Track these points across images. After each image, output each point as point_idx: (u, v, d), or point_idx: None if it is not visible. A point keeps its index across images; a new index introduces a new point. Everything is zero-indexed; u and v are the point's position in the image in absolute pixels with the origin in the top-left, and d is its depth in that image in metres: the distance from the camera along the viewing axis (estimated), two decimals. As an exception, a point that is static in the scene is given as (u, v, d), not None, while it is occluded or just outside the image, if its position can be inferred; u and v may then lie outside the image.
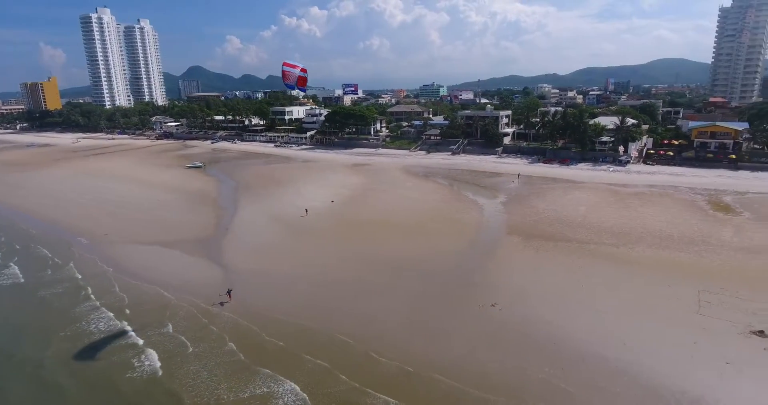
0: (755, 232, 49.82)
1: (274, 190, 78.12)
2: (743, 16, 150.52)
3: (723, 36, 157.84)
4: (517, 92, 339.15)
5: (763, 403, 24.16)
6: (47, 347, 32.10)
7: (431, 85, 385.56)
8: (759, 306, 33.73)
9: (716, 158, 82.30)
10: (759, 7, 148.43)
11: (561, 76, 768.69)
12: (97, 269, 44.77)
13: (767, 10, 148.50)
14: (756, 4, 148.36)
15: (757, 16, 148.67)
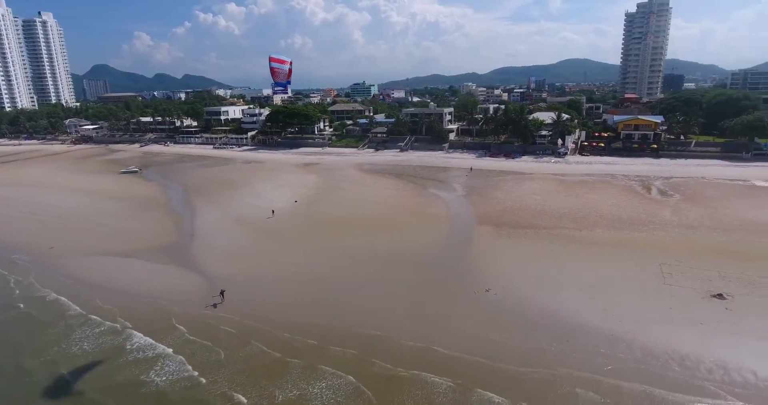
0: (689, 211, 56.40)
1: (228, 193, 75.08)
2: (647, 21, 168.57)
3: (630, 39, 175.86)
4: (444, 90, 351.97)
5: (737, 354, 27.74)
6: (76, 369, 29.25)
7: (362, 83, 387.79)
8: (710, 273, 38.49)
9: (641, 148, 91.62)
10: (659, 13, 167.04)
11: (480, 75, 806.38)
12: (61, 284, 40.71)
13: (666, 15, 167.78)
14: (657, 10, 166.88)
15: (659, 20, 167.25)
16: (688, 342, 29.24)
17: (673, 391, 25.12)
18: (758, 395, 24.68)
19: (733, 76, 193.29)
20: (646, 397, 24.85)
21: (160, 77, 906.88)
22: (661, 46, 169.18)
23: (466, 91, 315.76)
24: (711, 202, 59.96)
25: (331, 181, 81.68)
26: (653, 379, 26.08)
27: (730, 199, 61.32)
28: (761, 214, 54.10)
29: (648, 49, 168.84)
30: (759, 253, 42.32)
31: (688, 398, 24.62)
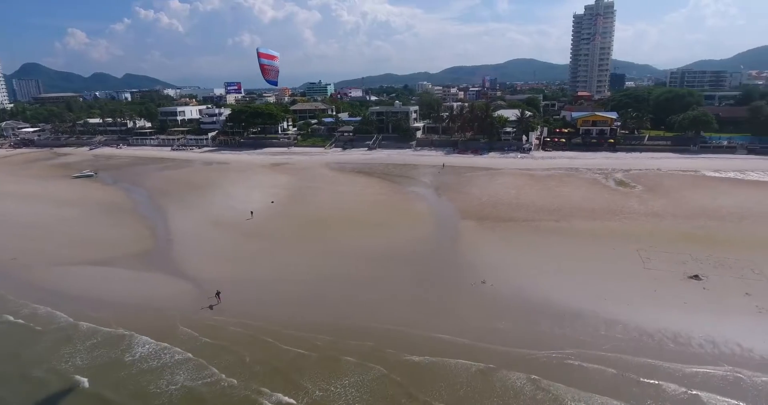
0: (653, 201, 60.19)
1: (198, 195, 72.47)
2: (594, 22, 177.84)
3: (579, 39, 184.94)
4: (399, 89, 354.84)
5: (722, 328, 30.08)
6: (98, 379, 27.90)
7: (318, 83, 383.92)
8: (683, 257, 41.39)
9: (599, 143, 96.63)
10: (605, 15, 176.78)
11: (432, 74, 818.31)
12: (38, 296, 38.05)
13: (611, 17, 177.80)
14: (603, 12, 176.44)
15: (605, 22, 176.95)
16: (677, 320, 31.36)
17: (672, 361, 27.21)
18: (746, 363, 26.93)
19: (671, 75, 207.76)
20: (650, 368, 26.76)
21: (99, 77, 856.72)
22: (608, 46, 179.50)
23: (423, 89, 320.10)
24: (670, 192, 64.27)
25: (304, 181, 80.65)
26: (652, 354, 27.89)
27: (687, 189, 65.98)
28: (716, 202, 58.58)
29: (596, 49, 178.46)
30: (722, 238, 45.86)
31: (687, 367, 26.77)
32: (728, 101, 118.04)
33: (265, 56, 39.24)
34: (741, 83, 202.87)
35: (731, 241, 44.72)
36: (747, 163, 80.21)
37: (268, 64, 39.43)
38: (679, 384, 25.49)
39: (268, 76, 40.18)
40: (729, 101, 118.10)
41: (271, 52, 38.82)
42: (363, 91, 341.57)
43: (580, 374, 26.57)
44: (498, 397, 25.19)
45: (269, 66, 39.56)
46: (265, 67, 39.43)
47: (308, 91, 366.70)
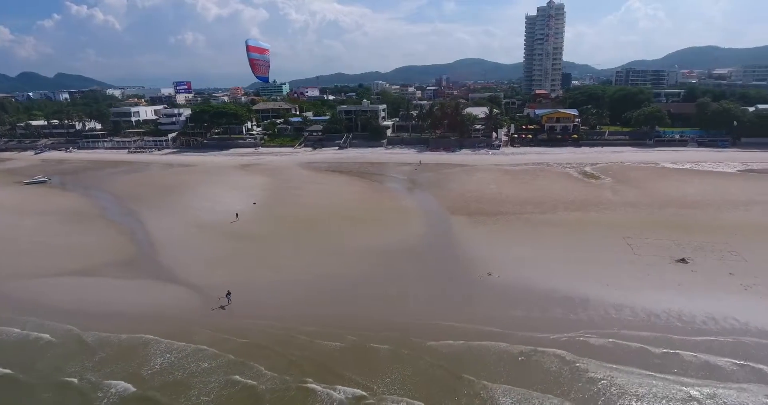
0: (626, 191, 63.81)
1: (171, 199, 69.36)
2: (547, 23, 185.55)
3: (533, 40, 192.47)
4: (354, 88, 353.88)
5: (718, 306, 32.46)
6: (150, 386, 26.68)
7: (273, 82, 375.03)
8: (666, 243, 44.20)
9: (563, 138, 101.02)
10: (557, 17, 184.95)
11: (383, 74, 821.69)
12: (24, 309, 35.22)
13: (562, 18, 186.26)
14: (554, 14, 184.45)
15: (557, 23, 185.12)
16: (676, 301, 33.51)
17: (683, 335, 29.54)
18: (747, 332, 29.46)
19: (617, 74, 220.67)
20: (666, 341, 28.92)
21: (27, 76, 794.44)
22: (560, 46, 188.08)
23: (381, 89, 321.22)
24: (638, 183, 68.36)
25: (282, 182, 79.06)
26: (664, 330, 29.76)
27: (652, 180, 70.38)
28: (680, 191, 62.93)
29: (549, 49, 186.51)
30: (695, 224, 49.36)
31: (697, 338, 29.07)
32: (674, 98, 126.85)
33: (254, 50, 37.18)
34: (677, 81, 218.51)
35: (704, 227, 48.23)
36: (699, 155, 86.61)
37: (257, 58, 37.66)
38: (694, 351, 27.77)
39: (259, 72, 38.24)
40: (675, 98, 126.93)
41: (261, 45, 36.77)
42: (319, 90, 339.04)
43: (606, 350, 28.25)
44: (541, 372, 26.66)
45: (259, 60, 37.75)
46: (254, 61, 37.56)
47: (262, 91, 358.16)
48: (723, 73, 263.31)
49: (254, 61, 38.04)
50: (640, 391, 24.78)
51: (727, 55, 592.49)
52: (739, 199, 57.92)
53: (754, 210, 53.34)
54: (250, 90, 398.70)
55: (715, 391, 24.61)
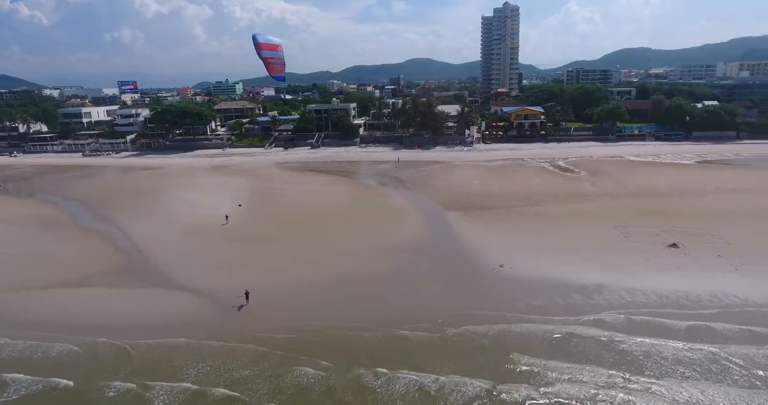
0: (602, 183, 67.32)
1: (146, 203, 65.86)
2: (503, 24, 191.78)
3: (491, 40, 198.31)
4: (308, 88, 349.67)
5: (718, 285, 35.01)
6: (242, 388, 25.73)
7: (225, 81, 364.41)
8: (655, 230, 47.05)
9: (532, 135, 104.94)
10: (512, 18, 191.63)
11: (334, 73, 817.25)
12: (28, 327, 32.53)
13: (517, 20, 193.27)
14: (510, 15, 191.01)
15: (512, 24, 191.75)
16: (680, 282, 35.82)
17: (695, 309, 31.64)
18: (748, 305, 32.25)
19: (567, 73, 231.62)
20: (683, 316, 31.42)
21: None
22: (516, 46, 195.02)
23: (337, 88, 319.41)
24: (611, 175, 72.29)
25: (262, 182, 77.06)
26: (679, 313, 31.72)
27: (622, 172, 74.65)
28: (651, 182, 67.20)
29: (507, 49, 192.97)
30: (675, 211, 52.90)
31: (708, 311, 31.69)
32: (627, 96, 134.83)
33: (266, 47, 34.56)
34: (620, 80, 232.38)
35: (683, 214, 51.78)
36: (657, 149, 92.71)
37: (271, 56, 35.33)
38: (709, 321, 30.49)
39: (274, 72, 35.71)
40: (627, 96, 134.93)
41: (272, 40, 34.32)
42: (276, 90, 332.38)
43: (634, 326, 30.32)
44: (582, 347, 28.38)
45: (273, 58, 35.41)
46: (268, 60, 35.03)
47: (215, 90, 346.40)
48: (660, 73, 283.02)
49: (268, 60, 35.71)
50: (677, 356, 27.21)
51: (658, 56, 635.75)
52: (705, 187, 62.63)
53: (722, 197, 57.87)
54: (199, 90, 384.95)
55: (737, 350, 27.45)
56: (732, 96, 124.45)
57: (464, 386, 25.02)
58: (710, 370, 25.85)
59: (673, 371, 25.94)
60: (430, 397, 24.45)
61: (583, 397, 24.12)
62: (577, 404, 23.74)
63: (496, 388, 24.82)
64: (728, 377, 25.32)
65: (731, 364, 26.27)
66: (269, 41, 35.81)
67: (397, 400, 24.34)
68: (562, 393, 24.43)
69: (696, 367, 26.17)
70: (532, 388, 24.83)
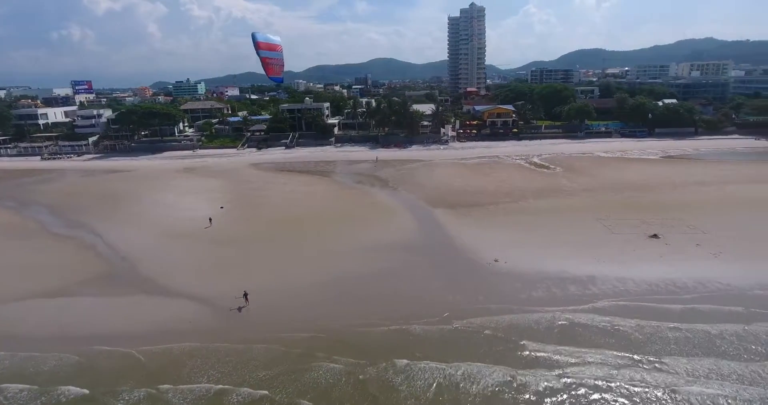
0: (578, 179, 69.69)
1: (121, 208, 63.24)
2: (470, 25, 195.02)
3: (459, 40, 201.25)
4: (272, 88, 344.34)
5: (700, 272, 37.07)
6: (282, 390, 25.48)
7: (186, 81, 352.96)
8: (634, 222, 49.24)
9: (505, 133, 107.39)
10: (479, 18, 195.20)
11: (297, 73, 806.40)
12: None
13: (483, 20, 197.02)
14: (476, 16, 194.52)
15: (479, 24, 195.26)
16: (665, 271, 37.68)
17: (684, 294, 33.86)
18: (732, 289, 34.40)
19: (532, 73, 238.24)
20: (675, 300, 33.33)
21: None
22: (483, 46, 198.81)
23: (304, 88, 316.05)
24: (585, 171, 74.98)
25: (240, 184, 75.40)
26: (670, 303, 33.32)
27: (595, 167, 77.58)
28: (623, 176, 70.21)
29: (474, 49, 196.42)
30: (650, 204, 55.52)
31: (695, 295, 33.60)
32: (590, 95, 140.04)
33: (264, 46, 33.20)
34: (580, 80, 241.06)
35: (658, 206, 54.41)
36: (624, 145, 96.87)
37: (269, 56, 33.99)
38: (708, 306, 32.48)
39: (272, 73, 34.42)
40: (591, 95, 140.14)
41: (272, 40, 33.07)
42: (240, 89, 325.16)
43: (631, 311, 32.04)
44: (587, 332, 29.96)
45: (272, 59, 34.07)
46: (266, 60, 33.62)
47: (175, 91, 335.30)
48: (616, 73, 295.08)
49: (266, 61, 34.40)
50: (675, 336, 29.06)
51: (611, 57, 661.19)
52: (674, 181, 66.05)
53: (690, 189, 61.21)
54: (157, 90, 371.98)
55: (725, 328, 29.66)
56: (687, 94, 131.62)
57: (486, 372, 26.07)
58: (706, 347, 27.82)
59: (674, 349, 27.79)
60: (456, 384, 25.29)
61: (597, 377, 25.45)
62: (594, 382, 25.01)
63: (518, 373, 25.90)
64: (723, 352, 27.29)
65: (724, 341, 28.27)
66: (269, 40, 34.81)
67: (427, 388, 25.08)
68: (578, 374, 25.76)
69: (693, 344, 28.15)
70: (548, 371, 26.07)
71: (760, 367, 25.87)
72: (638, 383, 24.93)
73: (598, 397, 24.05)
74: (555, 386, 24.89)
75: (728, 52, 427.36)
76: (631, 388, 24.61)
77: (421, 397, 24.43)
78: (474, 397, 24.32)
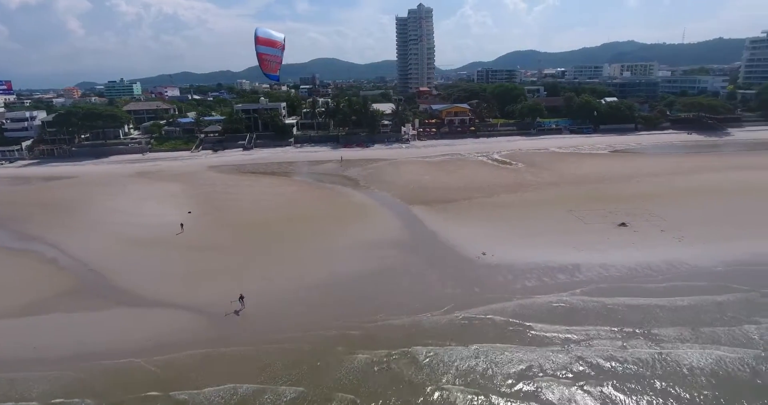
0: (541, 173, 72.96)
1: (76, 216, 58.87)
2: (419, 25, 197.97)
3: (408, 40, 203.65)
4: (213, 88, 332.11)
5: (669, 255, 40.16)
6: None
7: (120, 81, 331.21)
8: (602, 212, 52.32)
9: (463, 131, 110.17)
10: (427, 19, 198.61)
11: (236, 73, 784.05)
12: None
13: (430, 21, 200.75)
14: (424, 16, 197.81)
15: (428, 25, 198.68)
16: (639, 255, 40.48)
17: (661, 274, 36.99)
18: (701, 269, 37.58)
19: (478, 73, 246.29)
20: (653, 279, 36.34)
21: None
22: (432, 46, 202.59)
23: (249, 88, 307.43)
24: (546, 166, 78.62)
25: (202, 187, 72.20)
26: (649, 282, 35.94)
27: (553, 162, 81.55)
28: (581, 170, 74.34)
29: (424, 49, 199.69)
30: (612, 195, 59.17)
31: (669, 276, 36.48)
32: (537, 94, 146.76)
33: (264, 42, 32.02)
34: (522, 80, 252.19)
35: (619, 197, 58.12)
36: (574, 141, 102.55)
37: (267, 52, 32.78)
38: (682, 282, 35.62)
39: (268, 70, 33.13)
40: (537, 94, 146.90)
41: (273, 36, 31.78)
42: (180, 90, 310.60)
43: (620, 291, 34.76)
44: (583, 312, 32.24)
45: (270, 55, 32.78)
46: (262, 56, 32.31)
47: (107, 91, 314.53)
48: (553, 73, 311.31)
49: (262, 56, 33.08)
50: (659, 310, 32.06)
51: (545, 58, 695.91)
52: (627, 173, 70.84)
53: (644, 181, 65.87)
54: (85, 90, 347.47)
55: (701, 299, 33.34)
56: (623, 93, 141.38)
57: (501, 350, 27.96)
58: (687, 317, 31.11)
59: (661, 321, 30.76)
60: (476, 362, 27.05)
61: (601, 348, 27.99)
62: (599, 352, 27.36)
63: (530, 349, 28.18)
64: (702, 320, 30.69)
65: (701, 311, 31.73)
66: (269, 36, 33.68)
67: (451, 367, 26.66)
68: (583, 347, 28.23)
69: (676, 316, 31.34)
70: (557, 346, 28.38)
71: (736, 331, 29.27)
72: (635, 351, 27.64)
73: (605, 365, 26.50)
74: (565, 358, 27.11)
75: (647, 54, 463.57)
76: (629, 355, 27.24)
77: (450, 374, 25.98)
78: (495, 371, 26.24)
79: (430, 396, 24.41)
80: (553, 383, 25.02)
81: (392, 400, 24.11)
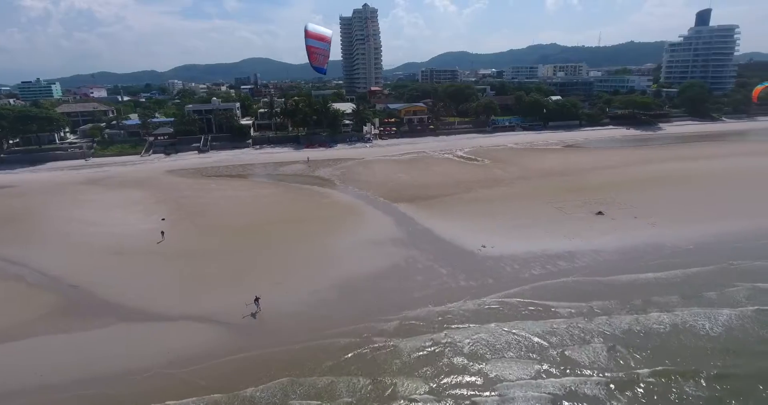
0: (509, 168, 76.27)
1: (32, 229, 53.45)
2: (365, 25, 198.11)
3: (354, 40, 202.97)
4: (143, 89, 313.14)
5: (655, 238, 43.87)
6: None
7: (36, 81, 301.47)
8: (578, 202, 55.84)
9: (422, 129, 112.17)
10: (372, 19, 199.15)
11: (160, 73, 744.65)
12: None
13: (376, 20, 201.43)
14: (370, 16, 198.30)
15: (373, 25, 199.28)
16: (623, 240, 43.81)
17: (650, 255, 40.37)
18: (680, 249, 41.58)
19: (422, 73, 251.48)
20: (646, 260, 39.51)
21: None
22: (379, 46, 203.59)
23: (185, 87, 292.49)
24: (511, 161, 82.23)
25: (167, 192, 68.12)
26: (639, 262, 39.10)
27: (517, 158, 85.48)
28: (544, 164, 78.62)
29: (371, 49, 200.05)
30: (582, 186, 63.27)
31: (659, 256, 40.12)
32: (485, 93, 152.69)
33: (312, 35, 31.11)
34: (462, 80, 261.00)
35: (588, 188, 62.32)
36: (528, 137, 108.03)
37: (318, 46, 31.86)
38: (665, 260, 39.32)
39: (316, 62, 31.80)
40: (485, 93, 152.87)
41: (322, 31, 30.74)
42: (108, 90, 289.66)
43: (619, 268, 38.33)
44: (590, 289, 35.28)
45: (319, 49, 31.86)
46: (312, 49, 31.29)
47: (22, 93, 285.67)
48: (489, 73, 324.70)
49: (313, 50, 32.01)
50: (657, 282, 35.78)
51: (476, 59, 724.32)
52: (586, 166, 75.98)
53: (604, 172, 71.04)
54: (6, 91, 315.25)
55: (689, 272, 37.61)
56: (563, 92, 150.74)
57: (532, 325, 30.67)
58: (680, 286, 35.08)
59: (662, 291, 34.39)
60: (513, 335, 29.61)
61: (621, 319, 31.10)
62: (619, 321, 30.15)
63: (558, 321, 30.92)
64: (697, 286, 34.91)
65: (694, 280, 35.91)
66: (317, 31, 33.32)
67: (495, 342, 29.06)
68: (606, 318, 31.30)
69: (671, 285, 35.29)
70: (584, 319, 31.17)
71: (724, 293, 33.70)
72: (644, 316, 31.33)
73: (627, 328, 30.13)
74: (592, 327, 30.31)
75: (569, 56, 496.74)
76: (644, 321, 30.90)
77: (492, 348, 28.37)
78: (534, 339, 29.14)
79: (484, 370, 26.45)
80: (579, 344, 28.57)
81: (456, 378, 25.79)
